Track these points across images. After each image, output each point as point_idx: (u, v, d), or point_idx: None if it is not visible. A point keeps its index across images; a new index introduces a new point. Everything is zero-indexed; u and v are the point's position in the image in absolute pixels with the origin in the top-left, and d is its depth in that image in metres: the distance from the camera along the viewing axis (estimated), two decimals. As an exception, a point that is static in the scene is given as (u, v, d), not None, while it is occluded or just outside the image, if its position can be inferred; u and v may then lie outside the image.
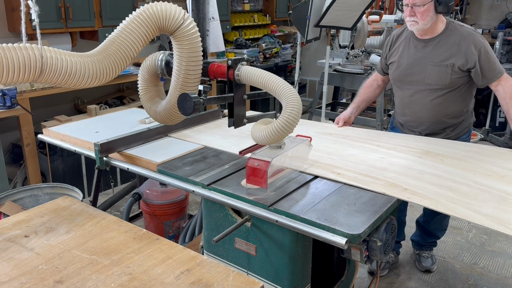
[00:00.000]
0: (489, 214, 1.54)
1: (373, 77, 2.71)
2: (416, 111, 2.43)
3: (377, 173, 1.85)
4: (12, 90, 3.25)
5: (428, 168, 1.91)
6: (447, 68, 2.26)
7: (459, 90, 2.33)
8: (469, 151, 2.11)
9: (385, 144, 2.21)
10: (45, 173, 3.83)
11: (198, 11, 2.18)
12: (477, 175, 1.85)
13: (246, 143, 2.08)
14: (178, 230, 2.92)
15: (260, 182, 1.69)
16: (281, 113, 1.66)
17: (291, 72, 6.89)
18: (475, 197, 1.66)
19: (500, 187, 1.74)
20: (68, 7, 3.97)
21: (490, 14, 7.56)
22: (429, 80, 2.32)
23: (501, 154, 2.10)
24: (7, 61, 1.41)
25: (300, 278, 1.67)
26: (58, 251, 1.39)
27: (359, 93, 2.73)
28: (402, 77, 2.43)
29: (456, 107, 2.38)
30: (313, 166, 1.92)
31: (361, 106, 2.66)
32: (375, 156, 2.05)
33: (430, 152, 2.10)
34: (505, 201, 1.64)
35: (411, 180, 1.79)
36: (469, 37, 2.24)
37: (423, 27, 2.25)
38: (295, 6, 4.54)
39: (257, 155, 1.71)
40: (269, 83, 1.70)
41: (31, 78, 1.50)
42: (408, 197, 1.64)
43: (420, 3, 2.19)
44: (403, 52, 2.42)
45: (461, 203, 1.61)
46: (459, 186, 1.74)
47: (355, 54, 4.91)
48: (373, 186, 1.72)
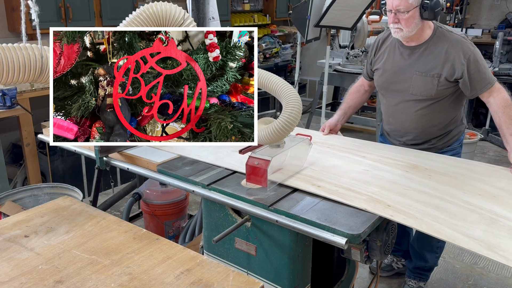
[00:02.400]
0: (478, 237, 1.42)
1: (360, 82, 2.55)
2: (401, 121, 2.30)
3: (360, 187, 1.74)
4: (12, 90, 3.25)
5: (414, 184, 1.79)
6: (433, 78, 2.11)
7: (447, 100, 2.19)
8: (459, 167, 1.98)
9: (370, 156, 2.08)
10: (45, 173, 3.83)
11: (198, 11, 2.18)
12: (467, 193, 1.72)
13: (224, 151, 2.06)
14: (178, 230, 2.92)
15: (260, 181, 1.69)
16: (281, 112, 1.66)
17: (291, 72, 6.90)
18: (464, 217, 1.54)
19: (490, 207, 1.62)
20: (68, 7, 3.97)
21: (490, 14, 7.55)
22: (414, 91, 2.17)
23: (493, 171, 1.95)
24: (7, 61, 1.42)
25: (300, 278, 1.67)
26: (58, 251, 1.39)
27: (345, 99, 2.58)
28: (386, 85, 2.29)
29: (443, 118, 2.24)
30: (293, 177, 1.80)
31: (348, 113, 2.51)
32: (359, 168, 1.93)
33: (418, 167, 1.97)
34: (495, 223, 1.52)
35: (396, 196, 1.67)
36: (458, 44, 2.07)
37: (408, 35, 2.08)
38: (295, 6, 4.54)
39: (257, 154, 1.72)
40: (269, 83, 1.70)
41: (31, 78, 1.50)
42: (391, 214, 1.52)
43: (404, 10, 2.00)
44: (388, 59, 2.26)
45: (448, 223, 1.49)
46: (447, 205, 1.62)
47: (355, 54, 4.91)
48: (354, 201, 1.60)
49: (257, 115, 1.60)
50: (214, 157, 2.00)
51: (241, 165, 1.83)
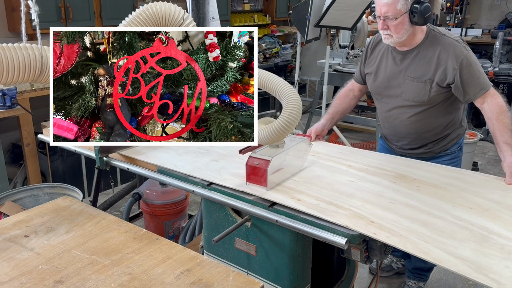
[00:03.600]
0: (467, 257, 1.31)
1: (349, 86, 2.44)
2: (395, 126, 2.24)
3: (343, 200, 1.63)
4: (12, 90, 3.25)
5: (401, 196, 1.68)
6: (426, 84, 2.04)
7: (441, 106, 2.11)
8: (450, 177, 1.86)
9: (356, 165, 1.98)
10: (45, 173, 3.83)
11: (198, 11, 2.18)
12: (457, 207, 1.61)
13: (202, 160, 2.00)
14: (178, 230, 2.92)
15: (260, 181, 1.70)
16: (281, 112, 1.66)
17: (291, 72, 6.89)
18: (452, 235, 1.43)
19: (482, 223, 1.50)
20: (68, 7, 3.97)
21: (490, 14, 7.56)
22: (407, 96, 2.10)
23: (486, 182, 1.83)
24: (7, 61, 1.42)
25: (300, 278, 1.67)
26: (58, 251, 1.39)
27: (333, 103, 2.46)
28: (379, 90, 2.22)
29: (438, 123, 2.16)
30: (273, 189, 1.71)
31: (336, 118, 2.42)
32: (344, 179, 1.83)
33: (406, 177, 1.86)
34: (487, 241, 1.40)
35: (380, 210, 1.57)
36: (450, 48, 1.99)
37: (398, 41, 2.02)
38: (295, 6, 4.54)
39: (257, 154, 1.72)
40: (269, 83, 1.70)
41: (31, 78, 1.50)
42: (373, 232, 1.43)
43: (392, 16, 1.94)
44: (381, 63, 2.19)
45: (435, 242, 1.38)
46: (435, 220, 1.51)
47: (355, 54, 4.92)
48: (335, 217, 1.50)
49: (257, 115, 1.60)
50: (191, 167, 1.92)
51: (219, 176, 1.82)
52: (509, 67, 5.33)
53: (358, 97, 2.46)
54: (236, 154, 2.01)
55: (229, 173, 1.85)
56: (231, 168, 1.91)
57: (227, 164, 1.96)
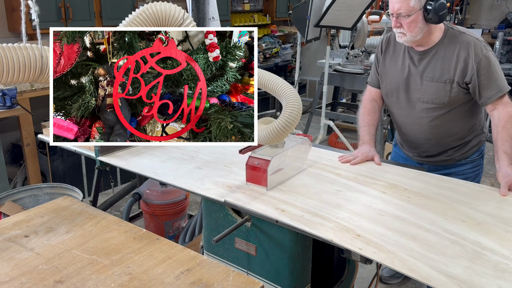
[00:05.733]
0: (458, 276, 1.24)
1: (370, 95, 2.25)
2: (414, 132, 2.11)
3: (329, 211, 1.58)
4: (12, 90, 3.25)
5: (390, 208, 1.61)
6: (445, 84, 1.94)
7: (462, 108, 1.99)
8: (442, 187, 1.78)
9: (345, 173, 1.91)
10: (45, 173, 3.83)
11: (198, 11, 2.18)
12: (449, 220, 1.53)
13: (185, 168, 1.97)
14: (178, 230, 2.92)
15: (260, 181, 1.70)
16: (281, 112, 1.66)
17: (291, 72, 6.90)
18: (443, 250, 1.35)
19: (474, 237, 1.42)
20: (68, 7, 3.97)
21: (490, 14, 7.56)
22: (426, 98, 2.00)
23: (480, 193, 1.74)
24: (7, 61, 1.41)
25: (300, 278, 1.67)
26: (58, 251, 1.39)
27: (365, 120, 2.20)
28: (395, 93, 2.10)
29: (459, 128, 2.04)
30: (257, 199, 1.68)
31: (374, 133, 2.19)
32: (332, 189, 1.76)
33: (397, 186, 1.79)
34: (479, 257, 1.32)
35: (368, 223, 1.51)
36: (469, 46, 1.90)
37: (412, 39, 1.92)
38: (295, 6, 4.54)
39: (257, 154, 1.72)
40: (269, 83, 1.70)
41: (31, 78, 1.50)
42: (360, 247, 1.37)
43: (405, 13, 1.86)
44: (397, 64, 2.08)
45: (424, 258, 1.31)
46: (425, 234, 1.44)
47: (355, 54, 4.91)
48: (319, 230, 1.46)
49: (257, 115, 1.60)
50: (173, 175, 1.89)
51: (201, 185, 1.80)
52: (509, 67, 5.34)
53: (381, 106, 2.27)
54: (221, 161, 2.00)
55: (212, 182, 1.83)
56: (214, 176, 1.88)
57: (210, 172, 1.93)
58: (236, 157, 2.03)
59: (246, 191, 1.74)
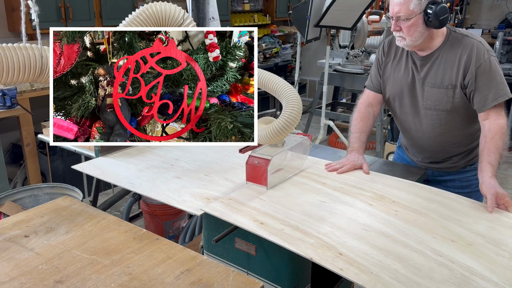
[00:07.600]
0: None
1: (367, 100, 2.15)
2: (416, 138, 2.06)
3: (311, 225, 1.48)
4: (12, 90, 3.25)
5: (376, 222, 1.51)
6: (448, 90, 1.87)
7: (466, 115, 1.93)
8: (432, 201, 1.68)
9: (331, 182, 1.82)
10: (45, 173, 3.84)
11: (198, 11, 2.18)
12: (437, 238, 1.43)
13: (162, 178, 1.88)
14: (178, 230, 2.92)
15: (260, 180, 1.70)
16: (282, 112, 1.66)
17: (291, 72, 6.90)
18: (429, 274, 1.25)
19: (464, 260, 1.32)
20: (68, 7, 3.97)
21: (490, 14, 7.56)
22: (428, 105, 1.93)
23: (472, 209, 1.63)
24: (7, 61, 1.41)
25: (300, 278, 1.67)
26: (58, 251, 1.39)
27: (357, 126, 2.11)
28: (398, 98, 2.03)
29: (464, 134, 1.98)
30: (235, 209, 1.60)
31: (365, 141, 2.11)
32: (315, 199, 1.67)
33: (385, 198, 1.69)
34: (468, 283, 1.22)
35: (351, 239, 1.40)
36: (472, 49, 1.82)
37: (412, 44, 1.85)
38: (295, 6, 4.54)
39: (257, 153, 1.72)
40: (269, 82, 1.71)
41: (31, 78, 1.50)
42: (341, 268, 1.27)
43: (404, 17, 1.79)
44: (400, 68, 2.01)
45: (409, 283, 1.21)
46: (412, 254, 1.34)
47: (355, 54, 4.92)
48: (299, 247, 1.36)
49: (257, 115, 1.60)
50: (149, 186, 1.81)
51: (178, 197, 1.72)
52: (509, 67, 5.33)
53: (377, 112, 2.17)
54: (202, 169, 1.94)
55: (189, 193, 1.75)
56: (192, 187, 1.80)
57: (189, 182, 1.85)
58: (217, 165, 1.99)
59: (225, 201, 1.66)
